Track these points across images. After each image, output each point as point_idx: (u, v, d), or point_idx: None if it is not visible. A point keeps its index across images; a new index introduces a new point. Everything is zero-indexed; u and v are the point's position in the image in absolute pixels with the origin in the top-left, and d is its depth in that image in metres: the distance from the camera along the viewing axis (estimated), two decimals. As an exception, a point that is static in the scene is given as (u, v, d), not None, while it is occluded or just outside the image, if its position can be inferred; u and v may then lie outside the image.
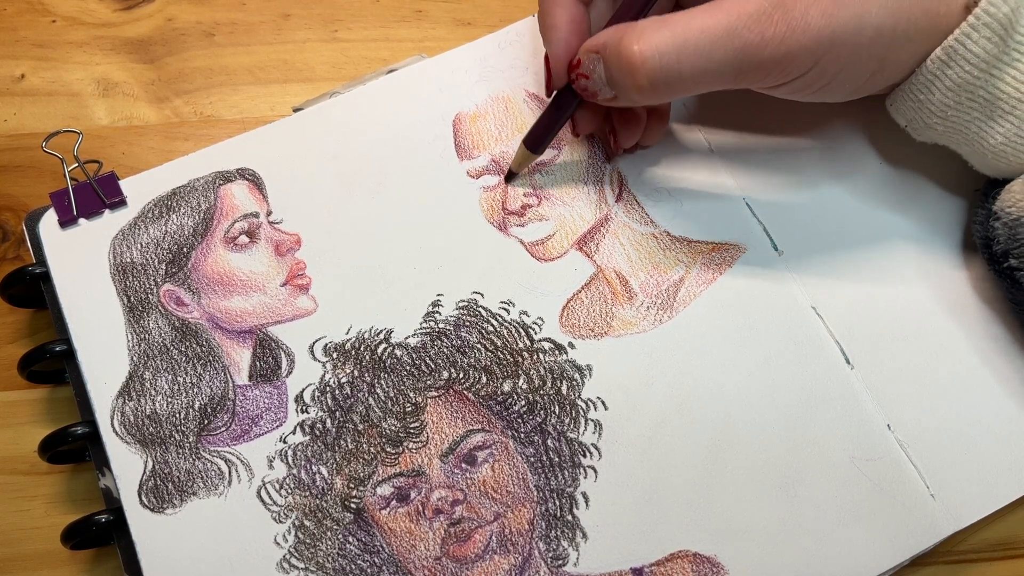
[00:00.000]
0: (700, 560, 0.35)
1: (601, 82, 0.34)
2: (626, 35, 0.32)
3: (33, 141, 0.43)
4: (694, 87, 0.33)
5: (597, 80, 0.34)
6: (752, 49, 0.31)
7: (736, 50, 0.31)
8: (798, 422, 0.37)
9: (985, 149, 0.35)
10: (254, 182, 0.41)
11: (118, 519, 0.35)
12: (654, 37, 0.32)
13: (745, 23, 0.31)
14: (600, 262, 0.39)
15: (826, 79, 0.33)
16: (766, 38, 0.31)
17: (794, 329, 0.38)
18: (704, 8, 0.32)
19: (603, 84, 0.34)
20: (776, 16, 0.31)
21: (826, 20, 0.31)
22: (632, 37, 0.32)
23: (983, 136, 0.35)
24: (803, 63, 0.32)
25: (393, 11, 0.47)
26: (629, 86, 0.33)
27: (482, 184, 0.41)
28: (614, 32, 0.33)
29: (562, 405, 0.37)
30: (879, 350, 0.38)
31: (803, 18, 0.31)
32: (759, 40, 0.31)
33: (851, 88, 0.35)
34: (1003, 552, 0.38)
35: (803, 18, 0.31)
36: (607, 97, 0.35)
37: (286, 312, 0.38)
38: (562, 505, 0.36)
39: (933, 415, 0.37)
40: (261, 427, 0.36)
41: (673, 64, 0.32)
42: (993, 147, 0.35)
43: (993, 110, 0.34)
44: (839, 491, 0.36)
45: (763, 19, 0.31)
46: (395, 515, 0.35)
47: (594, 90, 0.35)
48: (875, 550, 0.35)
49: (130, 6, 0.47)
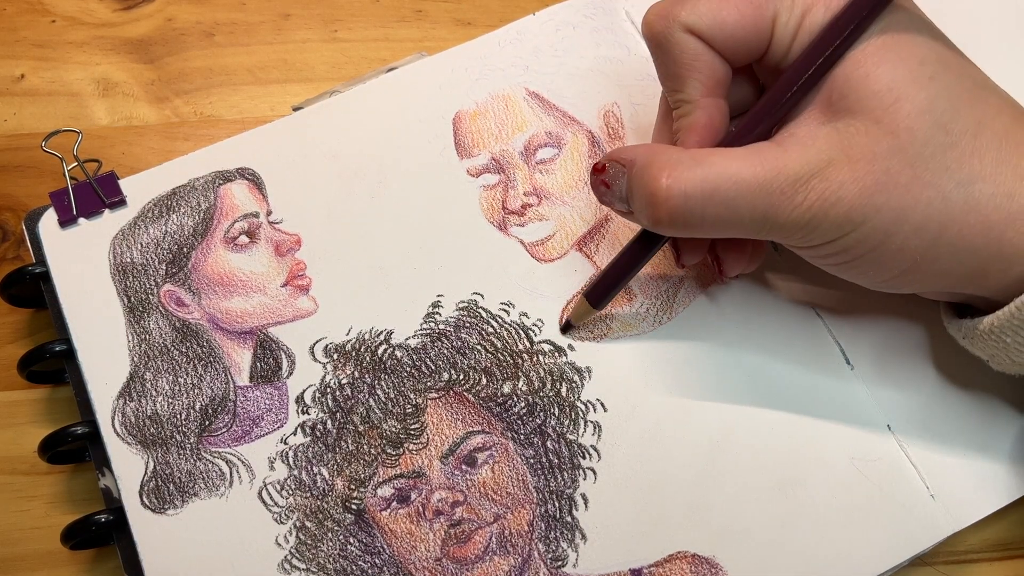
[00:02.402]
0: (699, 561, 0.35)
1: (620, 196, 0.33)
2: (655, 163, 0.30)
3: (33, 141, 0.43)
4: (711, 232, 0.31)
5: (618, 193, 0.33)
6: (779, 211, 0.30)
7: (763, 209, 0.30)
8: (798, 422, 0.37)
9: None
10: (254, 182, 0.41)
11: (118, 519, 0.35)
12: (684, 175, 0.30)
13: (780, 185, 0.29)
14: (600, 263, 0.39)
15: (850, 256, 0.31)
16: (795, 203, 0.29)
17: (794, 329, 0.38)
18: (743, 154, 0.30)
19: (622, 199, 0.33)
20: (813, 184, 0.29)
21: (862, 199, 0.29)
22: (662, 168, 0.30)
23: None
24: (827, 234, 0.30)
25: (393, 11, 0.47)
26: (647, 215, 0.31)
27: (482, 182, 0.41)
28: (646, 153, 0.31)
29: (562, 407, 0.37)
30: (879, 350, 0.38)
31: (838, 191, 0.29)
32: (788, 204, 0.29)
33: (881, 277, 0.32)
34: (1003, 552, 0.38)
35: (838, 191, 0.29)
36: (621, 211, 0.34)
37: (286, 313, 0.38)
38: (561, 506, 0.36)
39: (933, 415, 0.37)
40: (262, 428, 0.37)
41: (697, 209, 0.30)
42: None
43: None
44: (839, 491, 0.36)
45: (799, 185, 0.29)
46: (396, 516, 0.35)
47: (610, 201, 0.33)
48: (875, 550, 0.35)
49: (130, 6, 0.47)
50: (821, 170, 0.29)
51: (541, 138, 0.41)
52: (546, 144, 0.41)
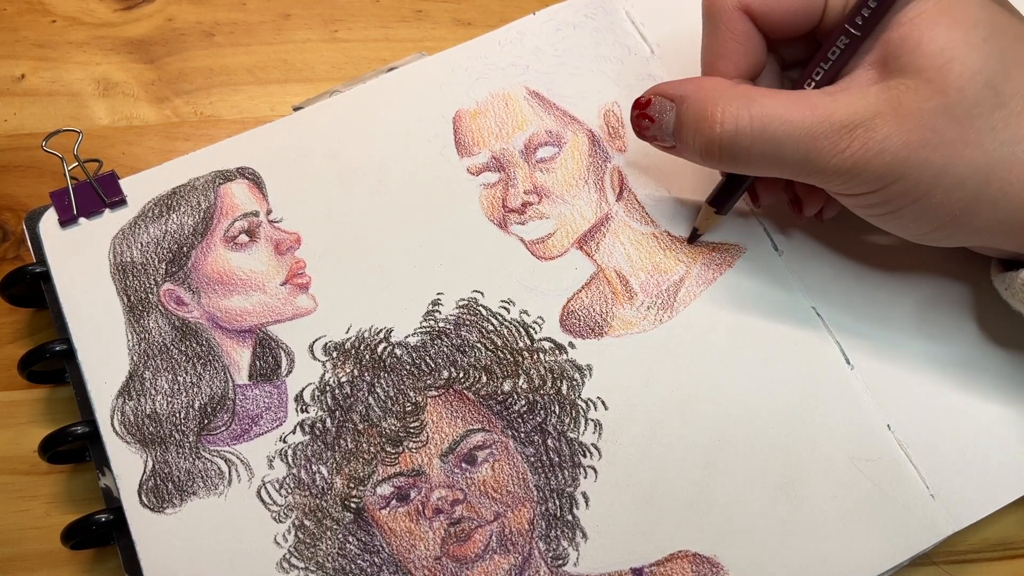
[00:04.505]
0: (700, 560, 0.35)
1: (667, 130, 0.33)
2: (709, 99, 0.31)
3: (33, 141, 0.43)
4: (757, 170, 0.33)
5: (663, 127, 0.33)
6: (821, 155, 0.30)
7: (806, 151, 0.30)
8: (798, 422, 0.37)
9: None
10: (254, 181, 0.41)
11: (118, 519, 0.35)
12: (738, 112, 0.31)
13: (825, 131, 0.30)
14: (600, 261, 0.39)
15: (891, 207, 0.32)
16: (838, 149, 0.30)
17: (794, 329, 0.38)
18: (794, 97, 0.31)
19: (667, 132, 0.33)
20: (858, 133, 0.30)
21: (905, 152, 0.30)
22: (716, 103, 0.31)
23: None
24: (868, 184, 0.31)
25: (393, 11, 0.47)
26: (697, 147, 0.32)
27: (482, 181, 0.41)
28: (697, 88, 0.32)
29: (562, 405, 0.37)
30: (879, 350, 0.38)
31: (882, 142, 0.30)
32: (831, 149, 0.30)
33: (921, 229, 0.33)
34: (1003, 552, 0.38)
35: (882, 142, 0.30)
36: (665, 145, 0.34)
37: (286, 311, 0.38)
38: (562, 505, 0.36)
39: (933, 415, 0.37)
40: (261, 427, 0.36)
41: (746, 143, 0.31)
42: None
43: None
44: (839, 491, 0.36)
45: (843, 132, 0.30)
46: (395, 515, 0.35)
47: (654, 134, 0.34)
48: (875, 550, 0.35)
49: (130, 6, 0.47)
50: (867, 120, 0.30)
51: (541, 137, 0.41)
52: (546, 143, 0.41)
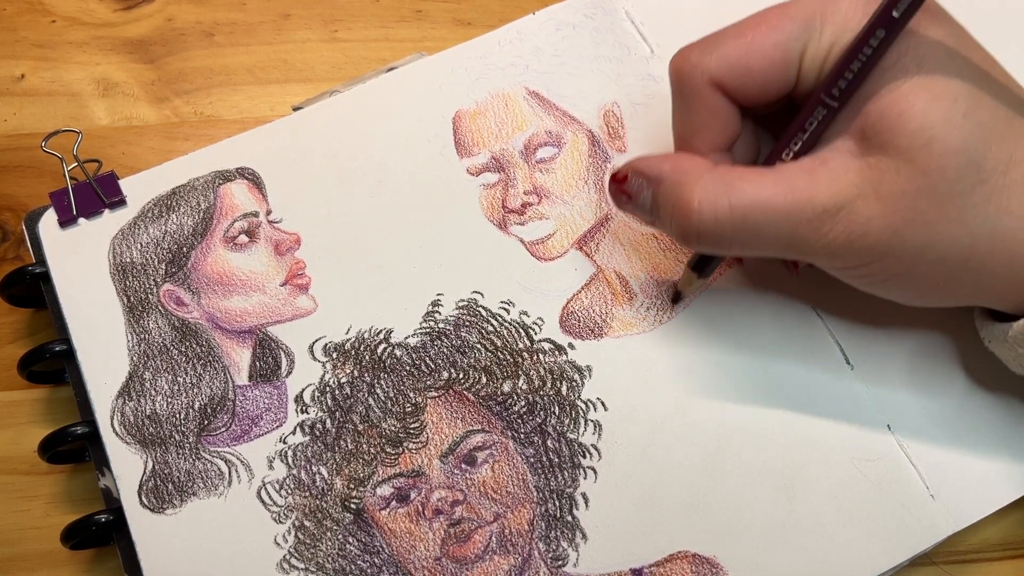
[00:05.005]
0: (700, 561, 0.35)
1: (644, 207, 0.33)
2: (685, 183, 0.31)
3: (33, 141, 0.43)
4: (739, 252, 0.32)
5: (641, 205, 0.33)
6: (803, 239, 0.30)
7: (788, 236, 0.30)
8: (798, 422, 0.37)
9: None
10: (254, 181, 0.41)
11: (118, 519, 0.35)
12: (716, 200, 0.30)
13: (808, 216, 0.29)
14: (600, 262, 0.39)
15: (875, 279, 0.32)
16: (820, 233, 0.30)
17: (794, 329, 0.38)
18: (773, 179, 0.30)
19: (645, 210, 0.33)
20: (840, 216, 0.29)
21: (888, 233, 0.29)
22: (693, 187, 0.31)
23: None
24: (851, 261, 0.31)
25: (393, 11, 0.47)
26: (675, 232, 0.32)
27: (482, 181, 0.41)
28: (673, 170, 0.32)
29: (562, 406, 0.37)
30: (879, 350, 0.38)
31: (865, 225, 0.29)
32: (814, 234, 0.30)
33: (906, 297, 0.33)
34: (1003, 552, 0.38)
35: (865, 225, 0.29)
36: (645, 220, 0.34)
37: (286, 312, 0.38)
38: (562, 506, 0.36)
39: (933, 415, 0.37)
40: (261, 427, 0.36)
41: (727, 232, 0.30)
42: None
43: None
44: (839, 491, 0.36)
45: (826, 216, 0.29)
46: (395, 515, 0.35)
47: (630, 210, 0.34)
48: (875, 550, 0.35)
49: (130, 6, 0.47)
50: (849, 203, 0.29)
51: (541, 137, 0.41)
52: (546, 143, 0.41)
